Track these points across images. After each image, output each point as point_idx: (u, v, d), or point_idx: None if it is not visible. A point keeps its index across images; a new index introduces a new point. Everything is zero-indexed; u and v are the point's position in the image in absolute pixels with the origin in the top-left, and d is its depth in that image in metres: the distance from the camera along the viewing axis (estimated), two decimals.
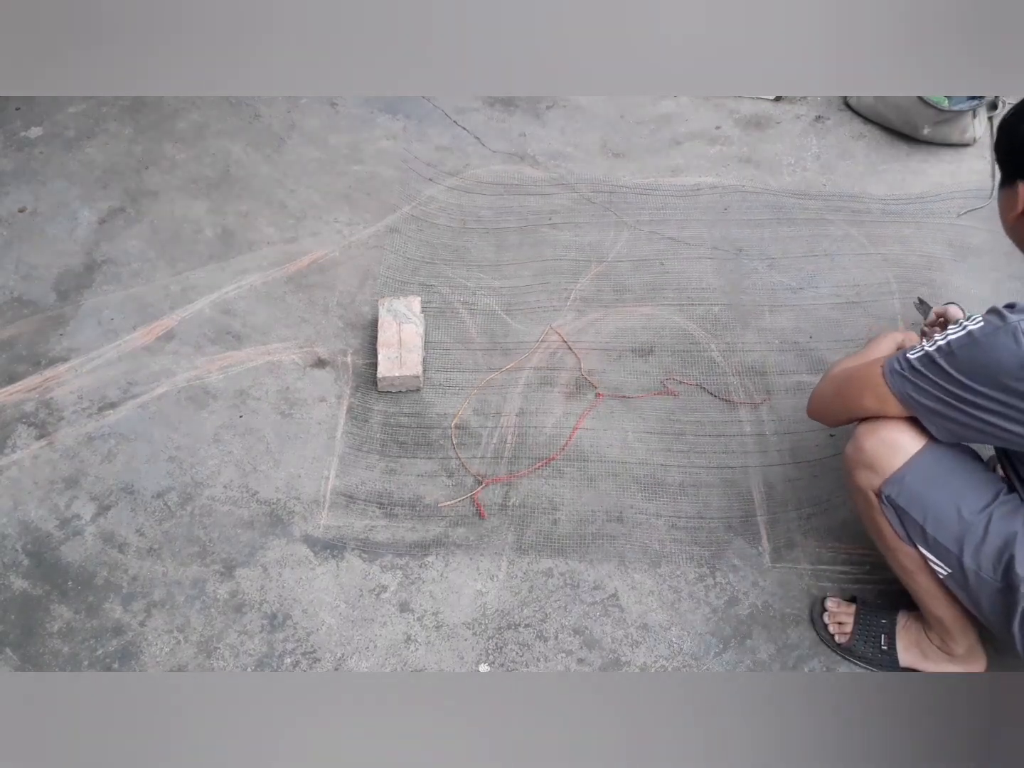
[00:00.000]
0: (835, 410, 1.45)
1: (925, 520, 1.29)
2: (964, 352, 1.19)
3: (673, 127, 2.74)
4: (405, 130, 2.72)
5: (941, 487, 1.30)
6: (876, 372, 1.32)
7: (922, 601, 1.44)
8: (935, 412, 1.26)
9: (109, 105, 2.76)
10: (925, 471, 1.30)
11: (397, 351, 2.00)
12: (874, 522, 1.38)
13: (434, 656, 1.59)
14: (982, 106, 2.54)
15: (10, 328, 2.13)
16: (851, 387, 1.39)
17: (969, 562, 1.26)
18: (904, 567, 1.39)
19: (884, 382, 1.30)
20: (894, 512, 1.32)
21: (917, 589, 1.42)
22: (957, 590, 1.32)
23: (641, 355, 2.09)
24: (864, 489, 1.36)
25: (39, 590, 1.67)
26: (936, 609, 1.43)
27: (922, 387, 1.25)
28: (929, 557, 1.32)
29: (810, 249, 2.34)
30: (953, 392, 1.21)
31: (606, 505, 1.80)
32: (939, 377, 1.22)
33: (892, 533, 1.35)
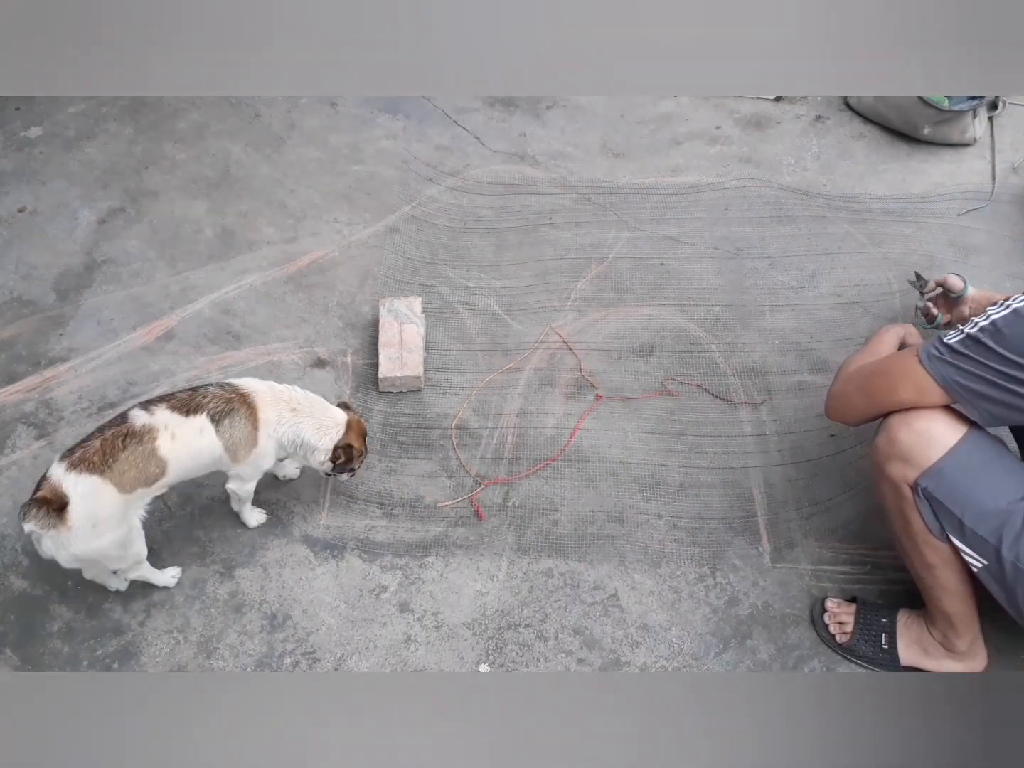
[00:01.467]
0: (862, 407, 1.42)
1: (963, 513, 1.27)
2: (1011, 329, 1.19)
3: (673, 127, 2.74)
4: (405, 130, 2.72)
5: (980, 479, 1.28)
6: (911, 362, 1.30)
7: (935, 597, 1.43)
8: (981, 395, 1.24)
9: (109, 105, 2.76)
10: (963, 463, 1.29)
11: (398, 351, 2.00)
12: (903, 515, 1.36)
13: (434, 656, 1.59)
14: (982, 106, 2.54)
15: (10, 328, 2.13)
16: (881, 381, 1.36)
17: (1007, 553, 1.25)
18: (927, 562, 1.38)
19: (924, 370, 1.28)
20: (929, 506, 1.30)
21: (934, 585, 1.40)
22: (991, 582, 1.31)
23: (641, 355, 2.09)
24: (897, 482, 1.34)
25: (39, 590, 1.67)
26: (949, 605, 1.42)
27: (967, 370, 1.24)
28: (964, 550, 1.30)
29: (810, 249, 2.33)
30: (1001, 371, 1.20)
31: (606, 505, 1.80)
32: (985, 357, 1.21)
33: (922, 527, 1.33)
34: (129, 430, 1.45)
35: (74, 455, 1.41)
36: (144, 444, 1.45)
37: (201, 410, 1.51)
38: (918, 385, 1.30)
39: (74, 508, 1.38)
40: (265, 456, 1.59)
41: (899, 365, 1.34)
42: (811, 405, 1.96)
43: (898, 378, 1.33)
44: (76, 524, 1.39)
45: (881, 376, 1.37)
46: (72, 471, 1.40)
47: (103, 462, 1.41)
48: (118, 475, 1.43)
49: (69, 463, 1.40)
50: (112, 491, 1.42)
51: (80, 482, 1.39)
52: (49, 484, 1.40)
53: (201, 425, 1.50)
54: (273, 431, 1.57)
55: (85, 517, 1.40)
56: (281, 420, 1.57)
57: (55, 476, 1.40)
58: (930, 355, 1.28)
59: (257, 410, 1.55)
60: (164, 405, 1.50)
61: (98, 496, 1.41)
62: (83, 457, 1.41)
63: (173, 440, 1.47)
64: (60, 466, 1.41)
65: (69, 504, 1.38)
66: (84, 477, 1.40)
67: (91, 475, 1.40)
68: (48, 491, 1.39)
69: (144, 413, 1.48)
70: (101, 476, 1.41)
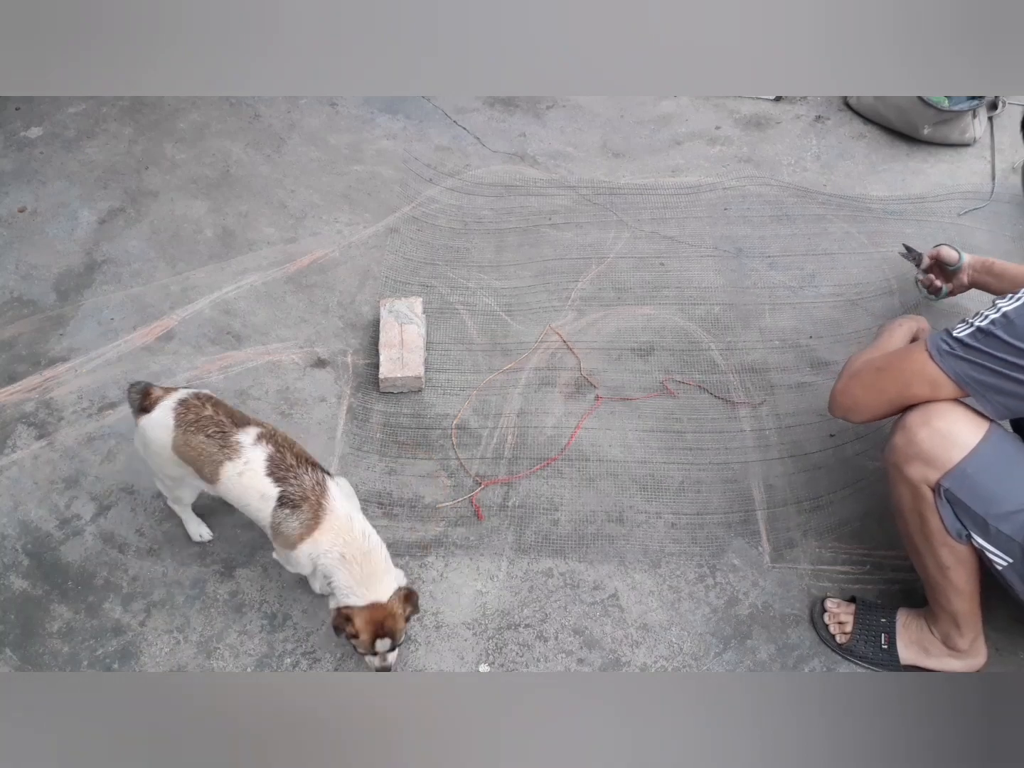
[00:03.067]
0: (872, 405, 1.40)
1: (987, 512, 1.26)
2: (1023, 319, 1.18)
3: (673, 127, 2.74)
4: (405, 130, 2.72)
5: (1004, 477, 1.27)
6: (921, 358, 1.29)
7: (945, 597, 1.42)
8: (994, 388, 1.23)
9: (109, 105, 2.76)
10: (987, 463, 1.27)
11: (399, 352, 2.00)
12: (920, 516, 1.35)
13: (434, 656, 1.59)
14: (982, 106, 2.54)
15: (10, 328, 2.13)
16: (892, 378, 1.35)
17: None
18: (942, 563, 1.37)
19: (935, 365, 1.27)
20: (949, 506, 1.29)
21: (946, 585, 1.40)
22: (1016, 579, 1.31)
23: (641, 355, 2.09)
24: (917, 483, 1.32)
25: (39, 590, 1.67)
26: (957, 604, 1.42)
27: (978, 363, 1.23)
28: (988, 548, 1.29)
29: (810, 249, 2.34)
30: (1013, 363, 1.20)
31: (606, 505, 1.80)
32: (997, 349, 1.20)
33: (940, 528, 1.32)
34: (226, 431, 1.47)
35: (185, 400, 1.50)
36: (220, 451, 1.46)
37: (281, 482, 1.44)
38: (931, 381, 1.29)
39: (144, 420, 1.52)
40: (297, 563, 1.49)
41: (909, 361, 1.32)
42: (811, 405, 1.96)
43: (909, 374, 1.31)
44: (141, 429, 1.54)
45: (892, 372, 1.35)
46: (167, 402, 1.51)
47: (186, 423, 1.48)
48: (183, 442, 1.48)
49: (176, 397, 1.51)
50: (168, 442, 1.50)
51: (163, 412, 1.50)
52: (156, 393, 1.53)
53: (267, 492, 1.44)
54: (313, 552, 1.44)
55: (142, 435, 1.54)
56: (328, 553, 1.43)
57: (159, 392, 1.53)
58: (940, 350, 1.27)
59: (317, 526, 1.43)
60: (267, 449, 1.46)
61: (157, 434, 1.51)
62: (185, 406, 1.49)
63: (239, 476, 1.46)
64: (170, 395, 1.52)
65: (149, 413, 1.51)
66: (167, 414, 1.50)
67: (172, 422, 1.49)
68: (153, 393, 1.53)
69: (253, 435, 1.47)
70: (175, 428, 1.48)
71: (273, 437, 1.49)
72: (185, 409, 1.49)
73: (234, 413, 1.52)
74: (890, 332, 1.53)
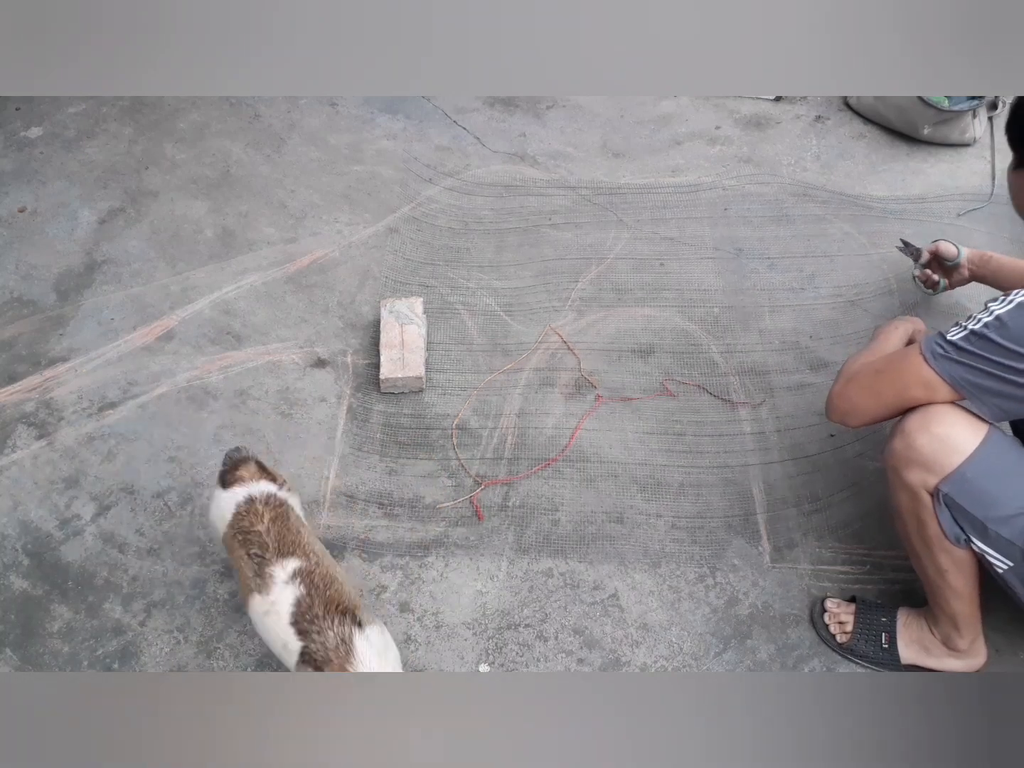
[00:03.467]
0: (870, 409, 1.39)
1: (987, 516, 1.26)
2: (1016, 322, 1.19)
3: (673, 127, 2.74)
4: (405, 130, 2.72)
5: (1003, 481, 1.27)
6: (916, 362, 1.29)
7: (943, 599, 1.43)
8: (990, 391, 1.24)
9: (109, 105, 2.76)
10: (985, 467, 1.27)
11: (400, 352, 2.00)
12: (918, 520, 1.35)
13: (434, 656, 1.59)
14: (982, 106, 2.54)
15: (10, 328, 2.13)
16: (889, 382, 1.35)
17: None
18: (940, 567, 1.37)
19: (930, 369, 1.27)
20: (948, 511, 1.29)
21: (944, 587, 1.40)
22: (1016, 583, 1.31)
23: (641, 356, 2.09)
24: (916, 488, 1.32)
25: (39, 590, 1.67)
26: (956, 607, 1.42)
27: (973, 366, 1.23)
28: (988, 552, 1.29)
29: (810, 249, 2.34)
30: (1008, 366, 1.20)
31: (606, 505, 1.80)
32: (992, 352, 1.21)
33: (938, 532, 1.32)
34: (265, 557, 1.36)
35: (252, 500, 1.42)
36: (253, 578, 1.35)
37: (304, 635, 1.28)
38: (926, 384, 1.29)
39: (216, 492, 1.47)
40: None
41: (905, 364, 1.32)
42: (811, 405, 1.96)
43: (906, 379, 1.31)
44: (211, 497, 1.50)
45: (888, 376, 1.35)
46: (239, 492, 1.44)
47: (238, 527, 1.40)
48: (230, 544, 1.42)
49: (248, 491, 1.44)
50: (220, 532, 1.45)
51: (229, 500, 1.44)
52: (241, 472, 1.47)
53: (290, 644, 1.30)
54: None
55: (210, 502, 1.50)
56: None
57: (244, 473, 1.47)
58: (935, 353, 1.27)
59: None
60: (298, 591, 1.32)
61: (216, 515, 1.47)
62: (248, 508, 1.42)
63: (264, 615, 1.33)
64: (249, 483, 1.45)
65: (223, 489, 1.46)
66: (230, 505, 1.43)
67: (229, 516, 1.42)
68: (239, 471, 1.47)
69: (290, 570, 1.34)
70: (229, 525, 1.42)
71: (310, 575, 1.33)
72: (246, 511, 1.40)
73: (286, 536, 1.38)
74: (886, 335, 1.53)
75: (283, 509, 1.43)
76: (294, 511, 1.46)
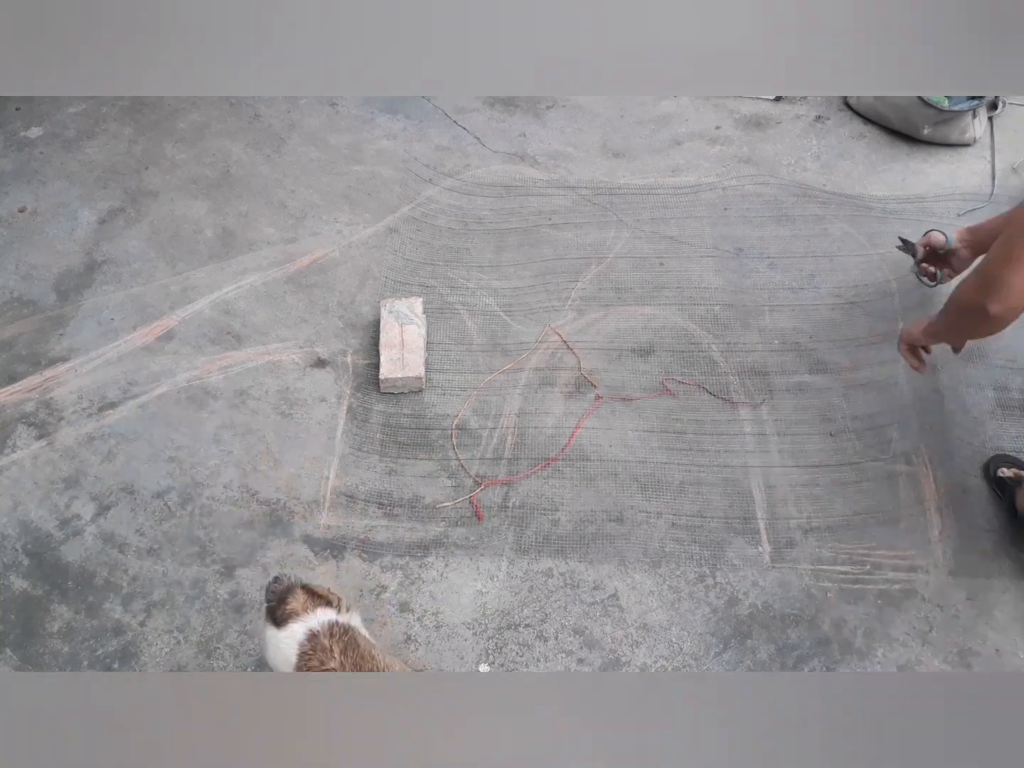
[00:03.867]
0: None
1: None
2: None
3: (673, 127, 2.74)
4: (405, 130, 2.72)
5: None
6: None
7: None
8: None
9: (109, 105, 2.76)
10: None
11: (399, 352, 2.00)
12: None
13: (434, 656, 1.59)
14: (982, 106, 2.54)
15: (10, 328, 2.13)
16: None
17: None
18: None
19: None
20: None
21: None
22: None
23: (641, 355, 2.09)
24: None
25: (39, 590, 1.67)
26: None
27: None
28: None
29: (810, 249, 2.34)
30: None
31: (606, 505, 1.80)
32: None
33: None
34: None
35: (316, 635, 1.31)
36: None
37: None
38: None
39: (270, 633, 1.35)
40: None
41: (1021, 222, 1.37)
42: (811, 404, 1.96)
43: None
44: (266, 638, 1.37)
45: (1017, 238, 1.38)
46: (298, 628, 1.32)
47: (308, 667, 1.31)
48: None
49: (309, 624, 1.32)
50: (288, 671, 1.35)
51: (290, 640, 1.32)
52: (292, 605, 1.34)
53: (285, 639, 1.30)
54: None
55: (266, 643, 1.37)
56: None
57: (295, 605, 1.34)
58: None
59: None
60: None
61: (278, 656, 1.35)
62: (314, 644, 1.31)
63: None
64: (306, 616, 1.33)
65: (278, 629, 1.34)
66: (292, 645, 1.31)
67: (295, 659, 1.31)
68: (289, 604, 1.34)
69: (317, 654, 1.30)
70: (296, 665, 1.32)
71: None
72: (312, 649, 1.29)
73: (362, 666, 1.31)
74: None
75: (351, 635, 1.33)
76: (360, 633, 1.36)
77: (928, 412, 1.93)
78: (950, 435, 1.89)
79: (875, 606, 1.64)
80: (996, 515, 1.74)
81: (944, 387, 1.97)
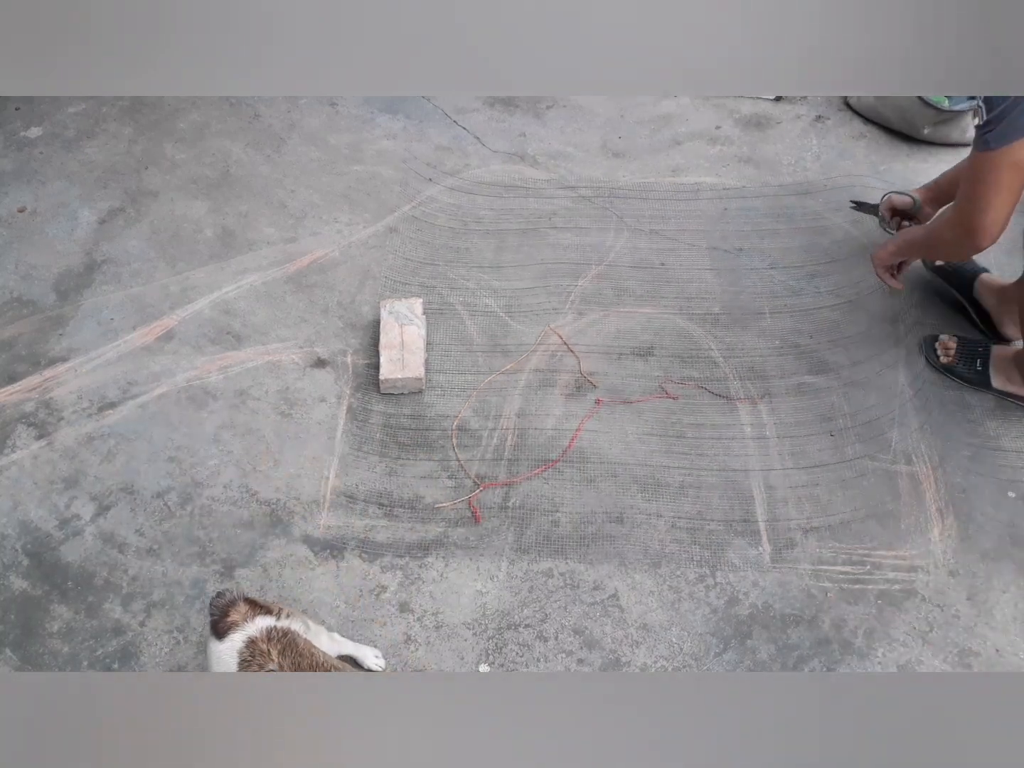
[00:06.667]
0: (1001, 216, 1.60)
1: None
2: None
3: (673, 127, 2.74)
4: (405, 130, 2.72)
5: None
6: (989, 157, 1.52)
7: None
8: None
9: (109, 105, 2.76)
10: None
11: (399, 353, 2.00)
12: None
13: (434, 656, 1.59)
14: None
15: (10, 328, 2.13)
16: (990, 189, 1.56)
17: None
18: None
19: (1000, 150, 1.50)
20: None
21: None
22: None
23: (641, 356, 2.09)
24: None
25: (39, 590, 1.67)
26: None
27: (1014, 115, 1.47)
28: None
29: (810, 249, 2.34)
30: None
31: (606, 505, 1.80)
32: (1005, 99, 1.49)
33: None
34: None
35: (254, 641, 1.31)
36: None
37: None
38: (1012, 163, 1.49)
39: (212, 645, 1.34)
40: None
41: (984, 169, 1.53)
42: (811, 404, 1.96)
43: (996, 175, 1.51)
44: (208, 651, 1.36)
45: (982, 187, 1.56)
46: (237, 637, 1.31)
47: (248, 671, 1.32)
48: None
49: (247, 632, 1.32)
50: None
51: (229, 649, 1.31)
52: (233, 617, 1.33)
53: None
54: None
55: (208, 657, 1.36)
56: None
57: (236, 617, 1.34)
58: (987, 140, 1.49)
59: None
60: None
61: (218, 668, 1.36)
62: (252, 650, 1.31)
63: None
64: (245, 625, 1.32)
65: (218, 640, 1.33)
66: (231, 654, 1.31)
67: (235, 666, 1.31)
68: (231, 616, 1.33)
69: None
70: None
71: None
72: (251, 655, 1.30)
73: (301, 663, 1.32)
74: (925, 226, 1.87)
75: (289, 637, 1.34)
76: (299, 635, 1.36)
77: (928, 412, 1.93)
78: (950, 435, 1.89)
79: (875, 606, 1.64)
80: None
81: (944, 387, 1.97)
